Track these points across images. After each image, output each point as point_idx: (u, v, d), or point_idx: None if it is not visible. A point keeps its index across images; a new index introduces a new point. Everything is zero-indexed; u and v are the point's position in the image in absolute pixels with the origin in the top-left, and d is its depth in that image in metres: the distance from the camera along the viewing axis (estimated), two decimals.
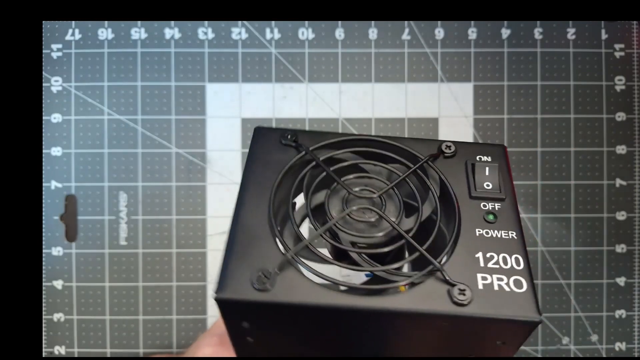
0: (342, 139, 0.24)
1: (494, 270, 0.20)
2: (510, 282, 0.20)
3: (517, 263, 0.21)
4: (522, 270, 0.20)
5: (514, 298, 0.19)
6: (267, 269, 0.19)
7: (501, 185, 0.23)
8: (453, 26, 0.39)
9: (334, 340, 0.22)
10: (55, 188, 0.39)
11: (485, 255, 0.21)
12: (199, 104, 0.39)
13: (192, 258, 0.39)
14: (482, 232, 0.21)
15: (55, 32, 0.39)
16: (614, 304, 0.39)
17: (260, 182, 0.22)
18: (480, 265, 0.20)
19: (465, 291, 0.19)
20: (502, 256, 0.21)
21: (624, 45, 0.40)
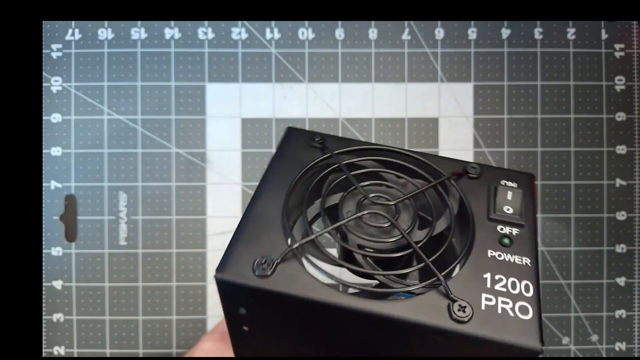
0: (368, 147, 0.24)
1: (500, 292, 0.19)
2: (515, 307, 0.19)
3: (526, 290, 0.20)
4: (530, 298, 0.19)
5: (517, 323, 0.19)
6: (271, 256, 0.19)
7: (522, 211, 0.22)
8: (453, 26, 0.39)
9: (328, 341, 0.22)
10: (55, 188, 0.39)
11: (494, 277, 0.20)
12: (199, 104, 0.39)
13: (192, 258, 0.39)
14: (495, 254, 0.21)
15: (55, 32, 0.39)
16: (614, 304, 0.39)
17: (281, 177, 0.23)
18: (487, 286, 0.20)
19: (466, 308, 0.18)
20: (511, 280, 0.20)
21: (624, 45, 0.40)
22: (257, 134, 0.39)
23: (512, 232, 0.22)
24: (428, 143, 0.39)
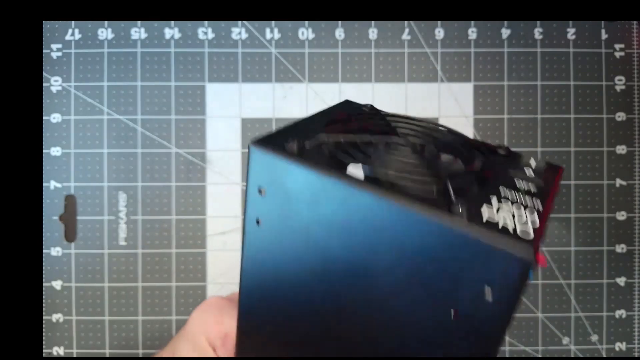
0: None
1: (504, 208, 0.20)
2: (516, 221, 0.19)
3: (531, 213, 0.20)
4: (532, 221, 0.19)
5: (513, 234, 0.18)
6: (304, 141, 0.21)
7: (542, 179, 0.23)
8: (453, 26, 0.39)
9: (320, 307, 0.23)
10: (55, 188, 0.39)
11: (502, 195, 0.20)
12: (198, 104, 0.39)
13: (192, 258, 0.39)
14: (507, 189, 0.21)
15: (55, 32, 0.39)
16: (614, 304, 0.39)
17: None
18: (492, 201, 0.20)
19: (463, 207, 0.18)
20: (517, 205, 0.20)
21: (624, 46, 0.40)
22: (257, 134, 0.39)
23: (528, 185, 0.22)
24: None
